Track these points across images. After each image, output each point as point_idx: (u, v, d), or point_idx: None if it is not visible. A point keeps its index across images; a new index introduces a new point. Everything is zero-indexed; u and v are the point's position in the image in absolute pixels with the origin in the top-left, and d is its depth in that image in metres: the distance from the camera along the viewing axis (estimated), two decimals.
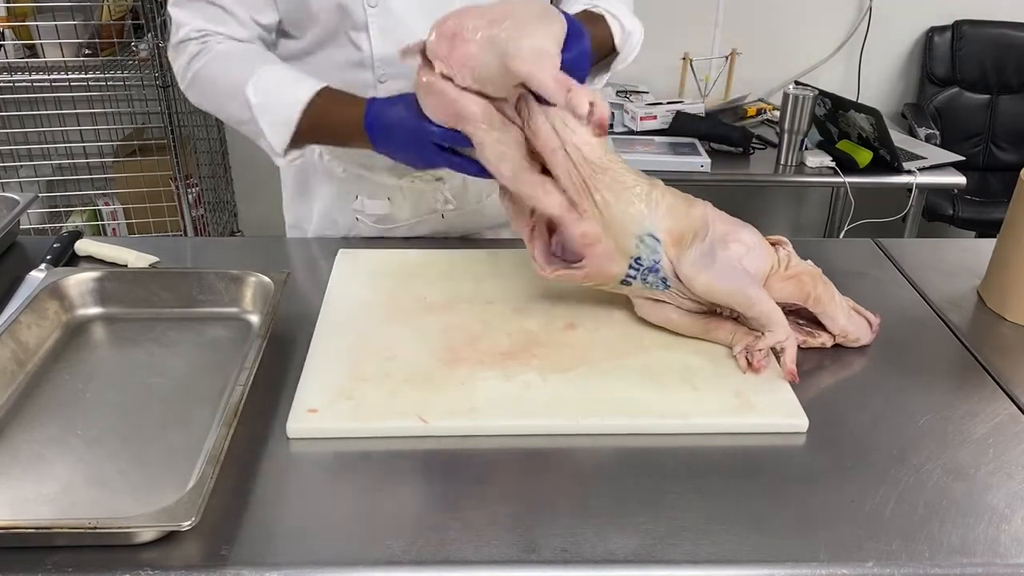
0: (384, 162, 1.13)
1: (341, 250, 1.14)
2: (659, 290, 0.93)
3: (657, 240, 0.90)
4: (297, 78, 1.03)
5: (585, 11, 1.05)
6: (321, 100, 1.00)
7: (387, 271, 1.10)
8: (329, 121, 0.99)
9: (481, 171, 0.90)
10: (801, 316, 0.99)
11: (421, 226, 1.24)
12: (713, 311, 0.95)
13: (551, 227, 0.94)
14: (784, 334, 0.90)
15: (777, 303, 0.91)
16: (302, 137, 1.02)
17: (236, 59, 1.06)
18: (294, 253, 1.22)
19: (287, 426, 0.82)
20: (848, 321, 0.96)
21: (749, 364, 0.91)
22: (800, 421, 0.85)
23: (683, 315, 0.95)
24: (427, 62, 0.86)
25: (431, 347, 0.94)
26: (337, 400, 0.86)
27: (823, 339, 0.97)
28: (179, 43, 1.09)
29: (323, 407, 0.85)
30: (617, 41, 1.06)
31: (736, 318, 0.95)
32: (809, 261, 0.98)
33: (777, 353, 0.91)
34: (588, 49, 0.91)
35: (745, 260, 0.92)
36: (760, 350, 0.89)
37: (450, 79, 0.84)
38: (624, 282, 0.93)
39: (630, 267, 0.92)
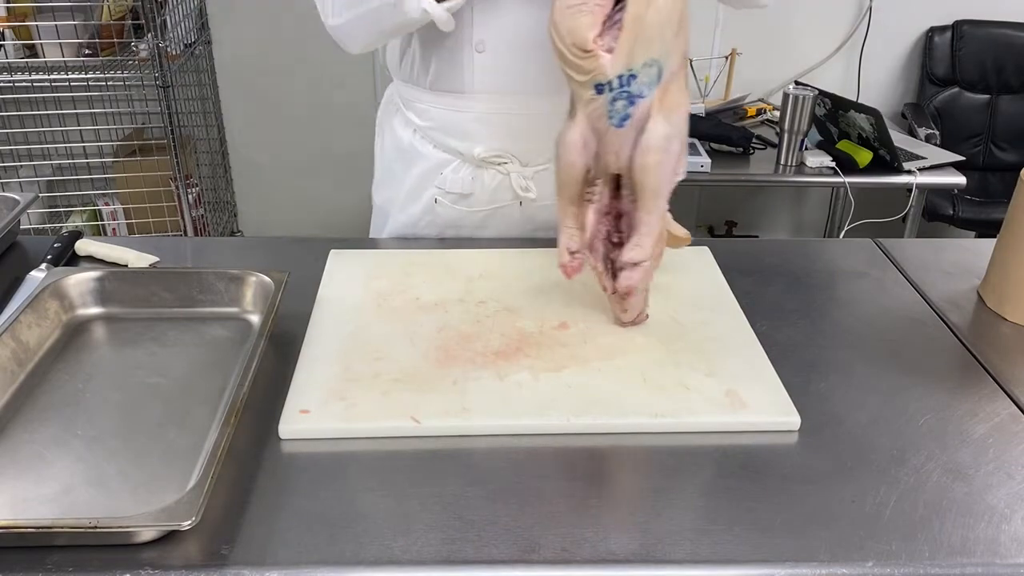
0: (474, 140, 1.17)
1: (333, 251, 1.14)
2: (612, 123, 0.89)
3: (660, 78, 0.88)
4: None
5: None
6: None
7: (379, 272, 1.10)
8: None
9: None
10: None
11: (497, 216, 1.24)
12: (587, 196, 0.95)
13: None
14: (647, 255, 0.91)
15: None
16: None
17: None
18: (294, 253, 1.22)
19: (279, 427, 0.83)
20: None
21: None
22: (792, 419, 0.85)
23: (577, 174, 0.93)
24: None
25: (423, 347, 0.94)
26: (329, 401, 0.86)
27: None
28: None
29: (315, 408, 0.85)
30: None
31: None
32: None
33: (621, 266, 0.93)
34: None
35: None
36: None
37: None
38: (599, 87, 0.88)
39: (619, 76, 0.86)
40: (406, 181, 1.27)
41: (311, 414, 0.84)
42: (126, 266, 1.12)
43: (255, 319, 1.01)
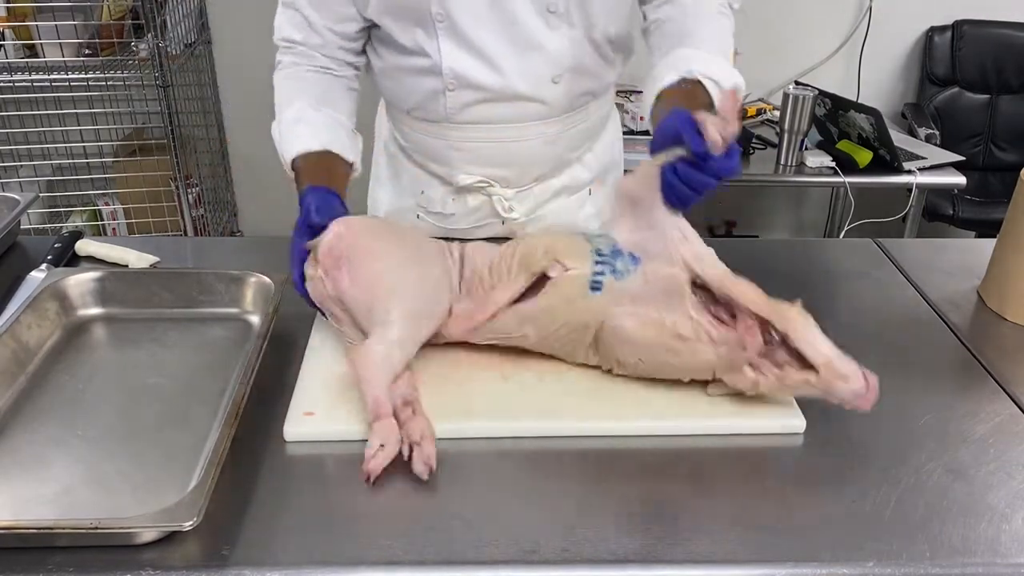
0: (453, 166, 1.17)
1: None
2: (632, 272, 0.87)
3: (602, 232, 0.92)
4: (296, 134, 1.09)
5: (681, 80, 1.00)
6: (299, 166, 1.06)
7: None
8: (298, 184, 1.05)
9: None
10: (784, 348, 0.85)
11: (481, 231, 1.24)
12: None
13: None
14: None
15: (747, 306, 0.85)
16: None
17: (285, 92, 1.16)
18: None
19: (284, 429, 0.82)
20: (832, 351, 0.82)
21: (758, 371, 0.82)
22: (797, 422, 0.85)
23: (654, 325, 0.86)
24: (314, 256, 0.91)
25: (427, 348, 0.94)
26: (334, 403, 0.85)
27: (807, 375, 0.82)
28: (276, 47, 1.19)
29: (320, 410, 0.85)
30: (717, 103, 1.00)
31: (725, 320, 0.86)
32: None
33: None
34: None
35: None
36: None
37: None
38: (594, 285, 0.87)
39: (595, 262, 0.88)
40: (392, 193, 1.28)
41: (316, 416, 0.84)
42: (126, 266, 1.12)
43: (255, 320, 1.00)
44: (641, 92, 2.70)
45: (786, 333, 0.83)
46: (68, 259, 1.15)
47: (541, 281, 0.90)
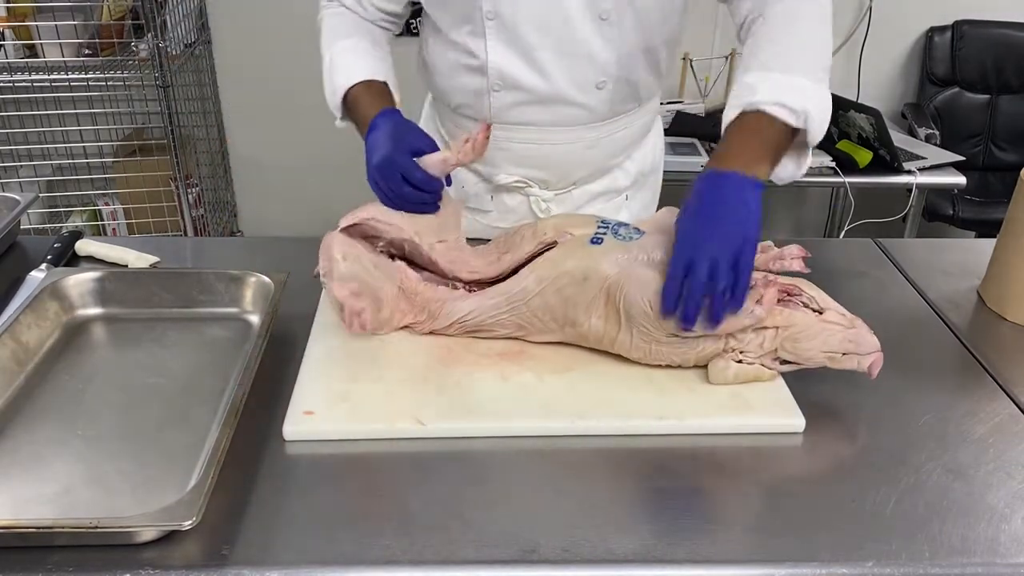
0: (494, 166, 1.18)
1: None
2: (635, 239, 0.93)
3: (615, 228, 0.96)
4: (356, 63, 1.13)
5: (740, 115, 0.95)
6: (358, 91, 1.11)
7: None
8: (356, 113, 1.11)
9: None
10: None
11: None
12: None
13: None
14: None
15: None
16: (349, 115, 1.14)
17: (337, 28, 1.18)
18: (294, 253, 1.22)
19: (284, 429, 0.82)
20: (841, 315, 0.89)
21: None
22: (797, 421, 0.85)
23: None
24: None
25: (427, 348, 0.94)
26: (334, 402, 0.85)
27: (836, 317, 0.89)
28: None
29: (320, 409, 0.85)
30: (793, 123, 0.95)
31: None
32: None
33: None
34: None
35: None
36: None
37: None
38: (595, 239, 0.93)
39: (599, 226, 0.95)
40: None
41: (315, 415, 0.84)
42: (126, 266, 1.12)
43: (255, 319, 1.00)
44: None
45: (813, 296, 0.90)
46: (68, 259, 1.15)
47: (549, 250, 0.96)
